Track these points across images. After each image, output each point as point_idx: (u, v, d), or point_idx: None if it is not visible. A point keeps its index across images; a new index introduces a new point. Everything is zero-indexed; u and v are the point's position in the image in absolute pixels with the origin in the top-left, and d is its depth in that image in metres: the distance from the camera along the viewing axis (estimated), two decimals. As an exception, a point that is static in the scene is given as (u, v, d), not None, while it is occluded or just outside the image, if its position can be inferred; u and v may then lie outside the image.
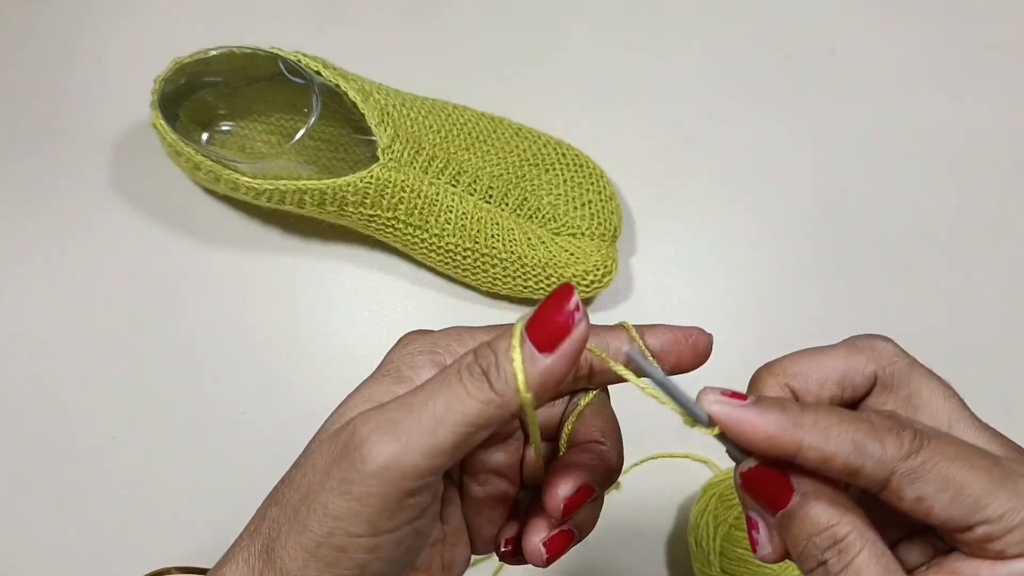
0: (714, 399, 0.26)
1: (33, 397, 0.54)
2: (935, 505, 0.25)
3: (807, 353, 0.29)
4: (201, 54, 0.53)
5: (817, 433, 0.25)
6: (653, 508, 0.52)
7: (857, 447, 0.25)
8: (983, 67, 0.62)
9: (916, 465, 0.25)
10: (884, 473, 0.25)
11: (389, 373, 0.30)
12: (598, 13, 0.64)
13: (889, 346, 0.29)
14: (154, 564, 0.51)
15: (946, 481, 0.25)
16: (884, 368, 0.29)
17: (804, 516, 0.26)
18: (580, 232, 0.54)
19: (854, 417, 0.26)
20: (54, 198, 0.58)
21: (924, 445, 0.25)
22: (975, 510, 0.25)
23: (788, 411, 0.26)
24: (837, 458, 0.25)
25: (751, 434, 0.26)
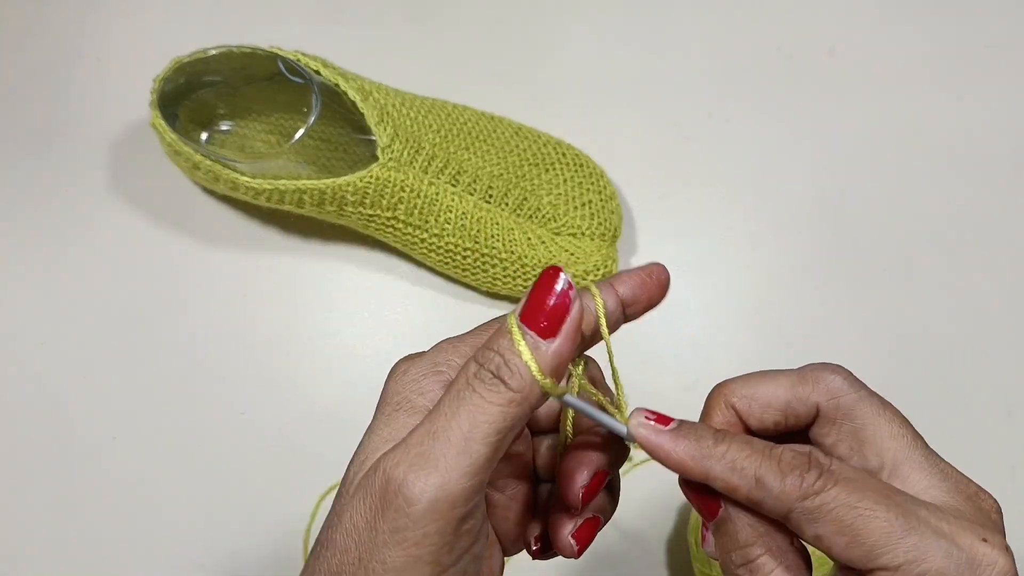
0: (638, 421, 0.28)
1: (33, 397, 0.54)
2: (832, 546, 0.26)
3: (757, 377, 0.30)
4: (200, 53, 0.53)
5: (724, 465, 0.27)
6: (653, 508, 0.52)
7: (758, 482, 0.26)
8: (983, 66, 0.62)
9: (813, 507, 0.26)
10: (783, 510, 0.26)
11: (401, 407, 0.28)
12: (598, 13, 0.64)
13: (837, 379, 0.29)
14: (154, 564, 0.51)
15: (843, 526, 0.25)
16: (827, 401, 0.29)
17: (726, 531, 0.28)
18: (580, 232, 0.54)
19: (767, 451, 0.27)
20: (53, 198, 0.58)
21: (826, 488, 0.26)
22: (870, 557, 0.25)
23: (701, 441, 0.27)
24: (740, 490, 0.26)
25: (664, 459, 0.28)
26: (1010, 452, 0.54)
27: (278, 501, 0.52)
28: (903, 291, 0.57)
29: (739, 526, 0.27)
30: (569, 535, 0.30)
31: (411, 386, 0.28)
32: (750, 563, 0.27)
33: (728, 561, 0.28)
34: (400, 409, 0.28)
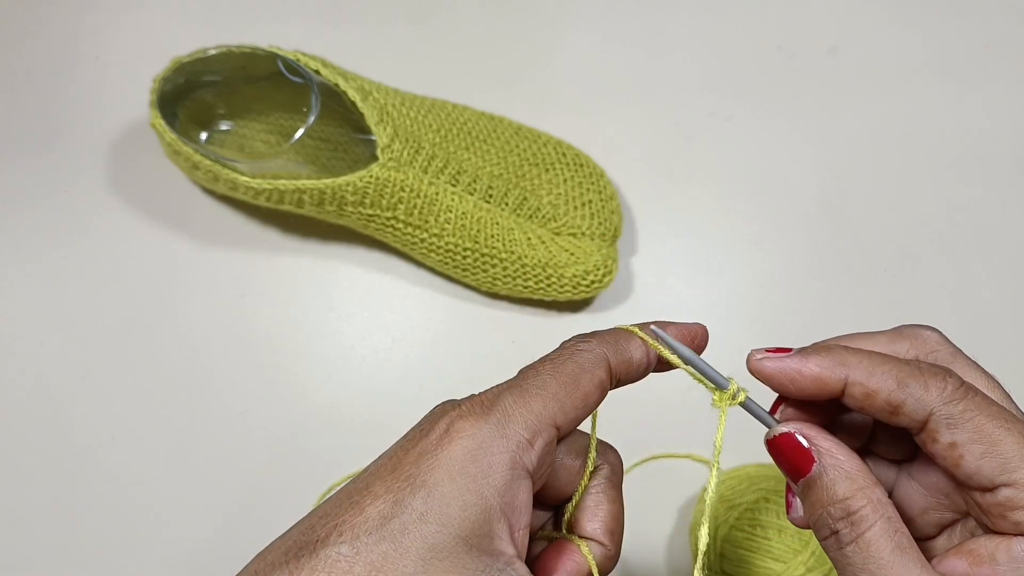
0: (760, 356, 0.28)
1: (32, 397, 0.54)
2: (966, 455, 0.25)
3: (853, 337, 0.30)
4: (200, 53, 0.53)
5: (862, 370, 0.26)
6: (653, 508, 0.52)
7: (900, 383, 0.26)
8: (984, 66, 0.62)
9: (956, 411, 0.26)
10: (923, 413, 0.26)
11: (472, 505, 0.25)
12: (598, 13, 0.64)
13: (934, 335, 0.30)
14: (153, 564, 0.51)
15: (981, 433, 0.25)
16: (926, 355, 0.29)
17: (822, 485, 0.27)
18: (580, 232, 0.54)
19: (902, 360, 0.27)
20: (53, 197, 0.58)
21: (967, 396, 0.26)
22: (1003, 470, 0.25)
23: (833, 353, 0.27)
24: (880, 393, 0.26)
25: (799, 379, 0.27)
26: (1011, 452, 0.53)
27: (278, 501, 0.52)
28: (903, 290, 0.57)
29: (836, 479, 0.27)
30: None
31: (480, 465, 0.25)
32: (852, 515, 0.26)
33: (824, 517, 0.27)
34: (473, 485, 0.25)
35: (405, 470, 0.25)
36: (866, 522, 0.26)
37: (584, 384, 0.27)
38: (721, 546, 0.47)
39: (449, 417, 0.26)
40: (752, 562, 0.46)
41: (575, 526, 0.29)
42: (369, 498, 0.25)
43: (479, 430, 0.26)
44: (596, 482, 0.30)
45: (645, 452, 0.53)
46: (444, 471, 0.25)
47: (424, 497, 0.24)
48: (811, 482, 0.27)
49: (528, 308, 0.56)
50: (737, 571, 0.46)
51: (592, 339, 0.29)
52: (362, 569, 0.24)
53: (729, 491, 0.48)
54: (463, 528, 0.24)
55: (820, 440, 0.27)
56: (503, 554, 0.25)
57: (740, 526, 0.46)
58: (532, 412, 0.26)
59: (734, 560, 0.46)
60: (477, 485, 0.25)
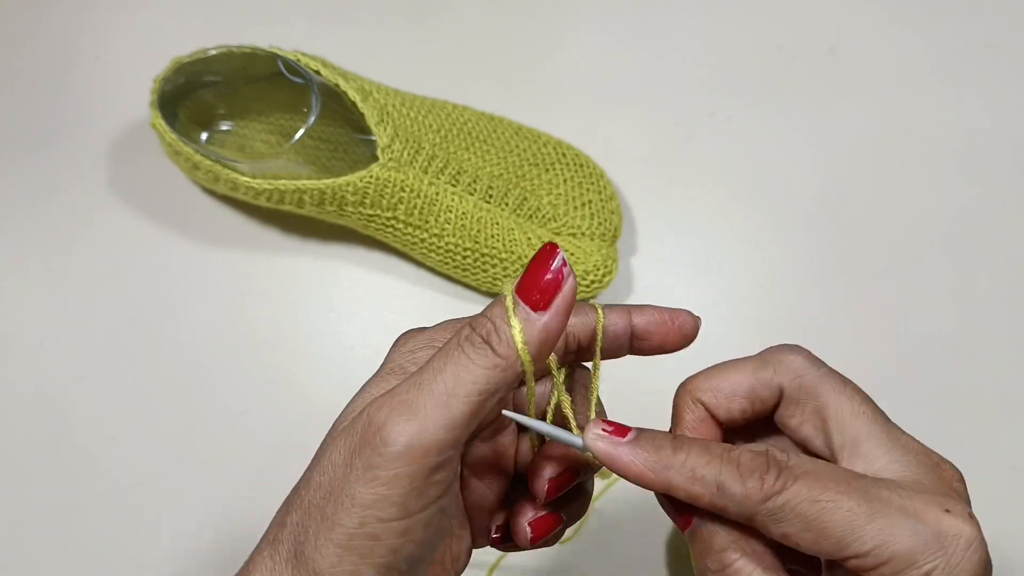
0: (595, 434, 0.28)
1: (32, 397, 0.54)
2: (801, 543, 0.26)
3: (719, 368, 0.30)
4: (200, 53, 0.53)
5: (684, 475, 0.27)
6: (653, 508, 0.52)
7: (720, 489, 0.26)
8: (984, 66, 0.62)
9: (776, 507, 0.26)
10: (747, 513, 0.26)
11: (393, 371, 0.30)
12: (598, 12, 0.64)
13: (798, 359, 0.30)
14: (153, 564, 0.51)
15: (808, 522, 0.25)
16: (790, 382, 0.29)
17: (699, 538, 0.28)
18: (580, 232, 0.54)
19: (723, 457, 0.27)
20: (53, 197, 0.58)
21: (787, 487, 0.26)
22: (839, 548, 0.25)
23: (660, 451, 0.27)
24: (703, 498, 0.27)
25: (624, 471, 0.27)
26: (1010, 452, 0.53)
27: (278, 501, 0.52)
28: (903, 290, 0.57)
29: (713, 531, 0.27)
30: (527, 522, 0.30)
31: (407, 356, 0.30)
32: (726, 568, 0.27)
33: (704, 569, 0.28)
34: (392, 373, 0.30)
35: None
36: (742, 573, 0.27)
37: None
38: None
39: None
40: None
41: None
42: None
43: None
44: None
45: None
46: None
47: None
48: (692, 533, 0.28)
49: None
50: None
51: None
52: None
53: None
54: None
55: None
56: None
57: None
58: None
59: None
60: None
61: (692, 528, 0.28)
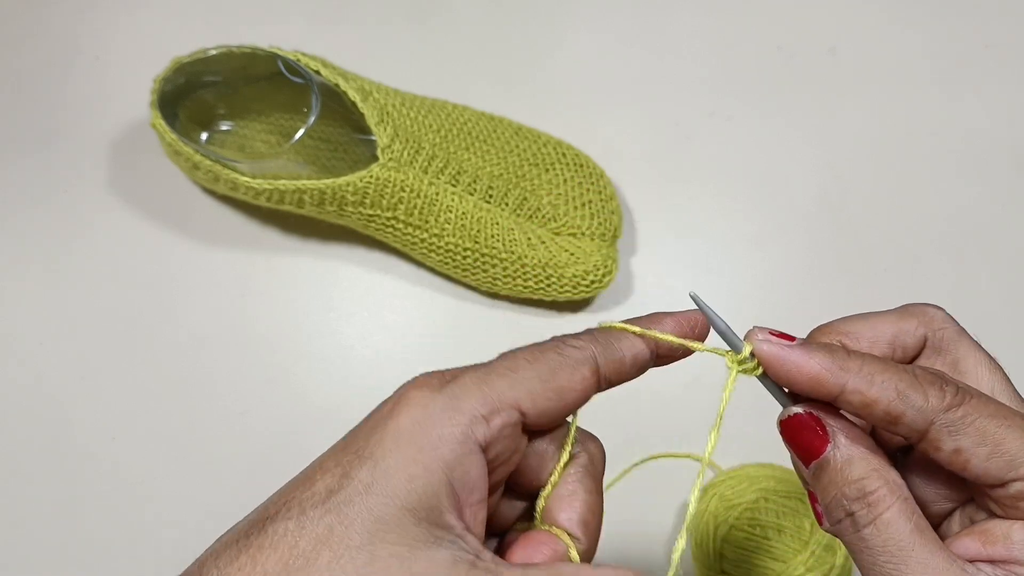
0: (763, 338, 0.27)
1: (32, 397, 0.54)
2: (972, 459, 0.25)
3: (861, 316, 0.30)
4: (200, 53, 0.53)
5: (862, 378, 0.26)
6: (653, 508, 0.52)
7: (900, 394, 0.26)
8: (984, 66, 0.62)
9: (956, 418, 0.25)
10: (924, 423, 0.26)
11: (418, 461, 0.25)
12: (598, 12, 0.64)
13: (940, 313, 0.30)
14: (153, 565, 0.51)
15: (984, 436, 0.25)
16: (934, 332, 0.29)
17: (836, 467, 0.26)
18: (580, 232, 0.54)
19: (900, 367, 0.26)
20: (53, 197, 0.58)
21: (966, 400, 0.26)
22: (1011, 467, 0.25)
23: (834, 354, 0.26)
24: (879, 404, 0.26)
25: (796, 374, 0.26)
26: (1010, 452, 0.53)
27: (278, 501, 0.52)
28: (904, 290, 0.57)
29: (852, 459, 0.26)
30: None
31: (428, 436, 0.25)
32: (868, 495, 0.26)
33: (839, 498, 0.26)
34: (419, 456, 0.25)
35: (355, 443, 0.25)
36: (884, 503, 0.25)
37: (562, 377, 0.27)
38: (721, 546, 0.47)
39: (404, 388, 0.26)
40: (752, 562, 0.46)
41: (548, 516, 0.28)
42: (319, 473, 0.25)
43: (431, 400, 0.25)
44: (573, 470, 0.28)
45: (645, 452, 0.53)
46: (391, 442, 0.25)
47: (370, 468, 0.24)
48: (824, 463, 0.27)
49: (528, 308, 0.56)
50: (736, 571, 0.46)
51: (583, 337, 0.28)
52: (307, 543, 0.23)
53: (729, 491, 0.48)
54: (409, 499, 0.24)
55: (834, 421, 0.27)
56: (452, 527, 0.25)
57: (740, 526, 0.46)
58: (493, 389, 0.26)
59: (733, 560, 0.46)
60: (423, 456, 0.24)
61: (823, 456, 0.27)
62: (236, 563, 0.24)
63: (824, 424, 0.27)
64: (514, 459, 0.27)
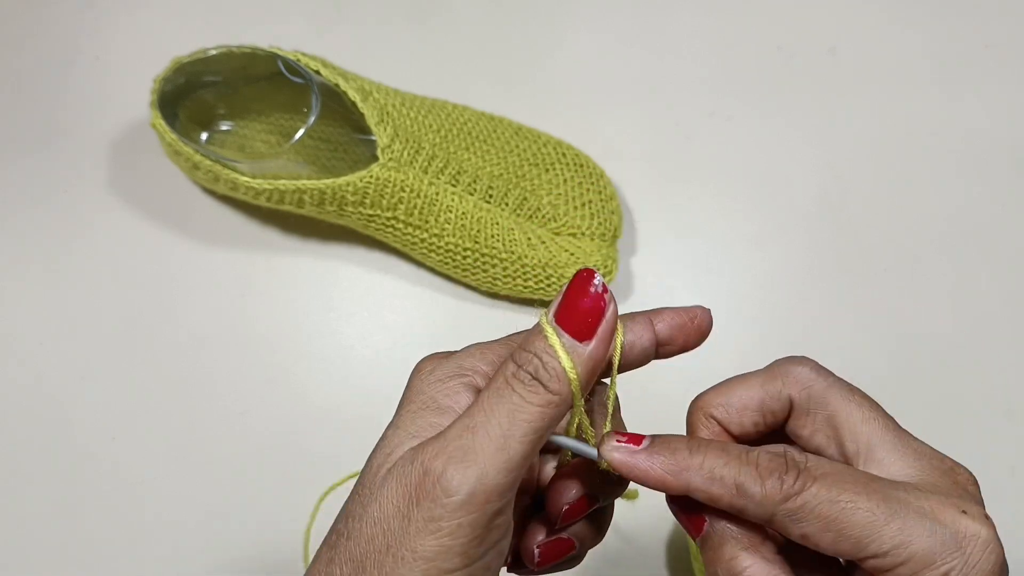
0: (610, 445, 0.28)
1: (32, 397, 0.54)
2: (820, 543, 0.26)
3: (728, 384, 0.30)
4: (200, 53, 0.53)
5: (702, 477, 0.27)
6: (653, 508, 0.52)
7: (739, 489, 0.26)
8: (984, 66, 0.62)
9: (795, 507, 0.26)
10: (766, 514, 0.26)
11: (427, 405, 0.28)
12: (598, 13, 0.64)
13: (805, 370, 0.30)
14: (153, 565, 0.51)
15: (827, 522, 0.25)
16: (799, 392, 0.29)
17: (711, 546, 0.28)
18: (580, 232, 0.54)
19: (741, 458, 0.27)
20: (53, 197, 0.58)
21: (806, 487, 0.26)
22: (859, 548, 0.25)
23: (677, 455, 0.27)
24: (722, 499, 0.27)
25: (643, 478, 0.27)
26: (1010, 452, 0.53)
27: (278, 501, 0.52)
28: (903, 290, 0.57)
29: (724, 540, 0.27)
30: (536, 545, 0.30)
31: (437, 386, 0.28)
32: (738, 574, 0.27)
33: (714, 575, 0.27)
34: (426, 408, 0.28)
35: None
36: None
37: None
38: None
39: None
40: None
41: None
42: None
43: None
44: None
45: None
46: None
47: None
48: (703, 541, 0.28)
49: (528, 308, 0.56)
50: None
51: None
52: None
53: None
54: None
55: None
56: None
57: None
58: (494, 352, 0.28)
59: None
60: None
61: (703, 534, 0.28)
62: None
63: (703, 506, 0.28)
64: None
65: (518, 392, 0.26)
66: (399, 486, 0.26)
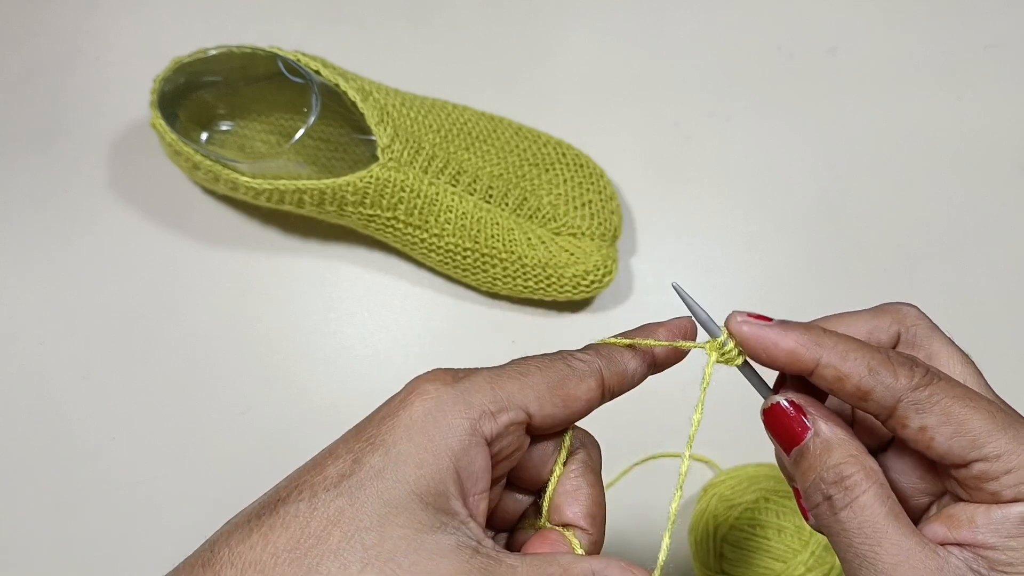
0: (741, 319, 0.29)
1: (32, 397, 0.54)
2: (936, 437, 0.26)
3: (837, 315, 0.31)
4: (200, 53, 0.53)
5: (836, 353, 0.27)
6: (653, 508, 0.52)
7: (871, 371, 0.27)
8: (984, 66, 0.62)
9: (923, 397, 0.26)
10: (892, 400, 0.27)
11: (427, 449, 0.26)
12: (598, 13, 0.64)
13: (913, 310, 0.31)
14: (153, 565, 0.51)
15: (949, 415, 0.26)
16: (907, 328, 0.30)
17: (816, 453, 0.28)
18: (580, 232, 0.54)
19: (873, 347, 0.27)
20: (53, 197, 0.58)
21: (933, 381, 0.27)
22: (973, 447, 0.26)
23: (810, 331, 0.28)
24: (850, 379, 0.27)
25: (773, 350, 0.28)
26: (1010, 452, 0.53)
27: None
28: (903, 291, 0.57)
29: (831, 445, 0.27)
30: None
31: (438, 426, 0.26)
32: (845, 479, 0.27)
33: (817, 482, 0.27)
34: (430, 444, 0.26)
35: (367, 431, 0.26)
36: (860, 487, 0.27)
37: (569, 386, 0.28)
38: (721, 546, 0.47)
39: (416, 381, 0.27)
40: (752, 562, 0.46)
41: (556, 513, 0.30)
42: (331, 459, 0.26)
43: (442, 393, 0.26)
44: (574, 467, 0.30)
45: (645, 452, 0.53)
46: (403, 430, 0.26)
47: (382, 454, 0.25)
48: (804, 449, 0.28)
49: (528, 308, 0.56)
50: (737, 571, 0.46)
51: (588, 351, 0.30)
52: (318, 523, 0.24)
53: (729, 491, 0.48)
54: (418, 485, 0.25)
55: (814, 409, 0.28)
56: (457, 513, 0.26)
57: (740, 526, 0.46)
58: (503, 389, 0.27)
59: (734, 560, 0.46)
60: (433, 444, 0.26)
61: (804, 443, 0.28)
62: (247, 542, 0.25)
63: (805, 412, 0.28)
64: (515, 456, 0.29)
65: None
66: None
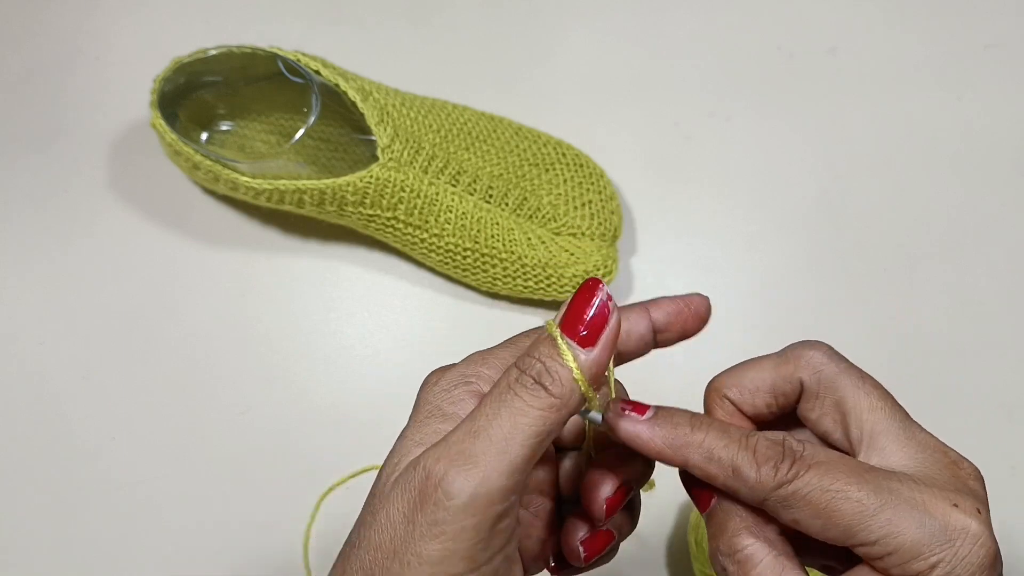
0: (615, 411, 0.28)
1: (32, 397, 0.54)
2: (809, 529, 0.26)
3: (742, 365, 0.31)
4: (200, 53, 0.53)
5: (701, 455, 0.27)
6: (653, 508, 0.52)
7: (735, 472, 0.27)
8: (984, 66, 0.62)
9: (787, 494, 0.26)
10: (758, 498, 0.27)
11: (432, 414, 0.29)
12: (598, 13, 0.64)
13: (817, 354, 0.30)
14: (153, 565, 0.51)
15: (817, 510, 0.26)
16: (811, 376, 0.30)
17: (715, 522, 0.28)
18: (580, 232, 0.54)
19: (740, 442, 0.27)
20: (53, 198, 0.58)
21: (799, 475, 0.26)
22: (847, 536, 0.26)
23: (678, 429, 0.28)
24: (717, 479, 0.27)
25: (643, 447, 0.28)
26: (1010, 452, 0.53)
27: (278, 501, 0.52)
28: (903, 291, 0.57)
29: (728, 516, 0.28)
30: (579, 541, 0.30)
31: (442, 395, 0.29)
32: (737, 552, 0.27)
33: (715, 552, 0.28)
34: (432, 416, 0.28)
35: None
36: (752, 560, 0.27)
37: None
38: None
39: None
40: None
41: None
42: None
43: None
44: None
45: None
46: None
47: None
48: (709, 516, 0.29)
49: (528, 308, 0.56)
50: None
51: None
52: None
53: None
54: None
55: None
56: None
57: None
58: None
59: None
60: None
61: (710, 509, 0.29)
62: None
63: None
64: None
65: (520, 396, 0.26)
66: (404, 492, 0.26)
